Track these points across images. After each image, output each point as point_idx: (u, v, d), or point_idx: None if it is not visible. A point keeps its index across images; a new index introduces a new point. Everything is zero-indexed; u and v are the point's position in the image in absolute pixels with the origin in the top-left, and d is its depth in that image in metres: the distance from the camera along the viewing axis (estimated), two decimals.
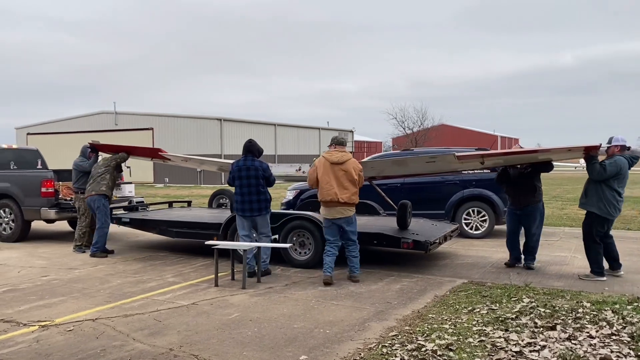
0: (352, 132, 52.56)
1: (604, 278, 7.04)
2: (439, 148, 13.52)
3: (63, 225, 12.48)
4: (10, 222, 10.57)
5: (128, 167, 10.66)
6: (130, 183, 11.71)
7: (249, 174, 7.26)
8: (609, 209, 6.95)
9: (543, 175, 8.10)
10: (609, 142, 7.08)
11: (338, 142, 7.25)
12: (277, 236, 8.10)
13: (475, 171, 10.62)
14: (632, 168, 7.11)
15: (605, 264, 7.26)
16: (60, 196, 10.54)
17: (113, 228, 10.11)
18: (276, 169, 9.35)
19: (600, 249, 7.11)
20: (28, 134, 39.92)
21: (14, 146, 12.10)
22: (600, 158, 7.08)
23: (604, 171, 6.85)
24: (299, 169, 9.26)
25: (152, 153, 10.55)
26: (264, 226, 7.48)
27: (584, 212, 7.30)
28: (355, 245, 7.12)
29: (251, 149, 7.40)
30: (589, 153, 6.93)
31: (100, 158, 9.84)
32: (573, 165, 41.15)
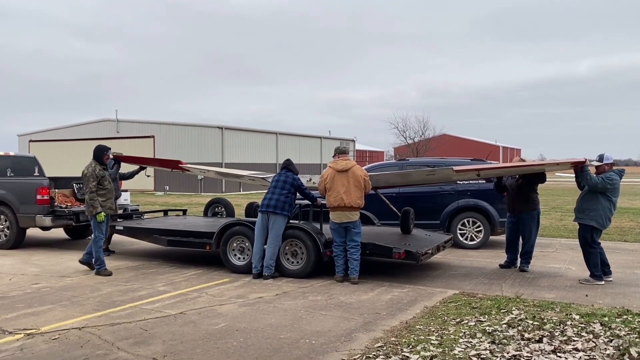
0: (353, 141, 52.56)
1: (603, 282, 7.44)
2: (434, 158, 13.47)
3: (59, 233, 12.49)
4: (5, 229, 10.58)
5: (148, 175, 11.34)
6: (126, 191, 11.73)
7: (280, 178, 8.04)
8: (604, 221, 7.42)
9: (544, 186, 8.36)
10: (600, 159, 7.45)
11: (341, 152, 7.84)
12: None
13: (471, 181, 10.60)
14: (631, 180, 7.38)
15: (587, 271, 7.65)
16: (56, 203, 10.54)
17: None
18: None
19: (597, 253, 7.49)
20: (30, 141, 40.05)
21: (11, 153, 12.12)
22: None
23: (604, 183, 7.25)
24: (310, 180, 9.52)
25: (172, 164, 10.66)
26: (274, 226, 7.73)
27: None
28: (358, 248, 7.53)
29: (289, 166, 8.17)
30: (578, 166, 7.38)
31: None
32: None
